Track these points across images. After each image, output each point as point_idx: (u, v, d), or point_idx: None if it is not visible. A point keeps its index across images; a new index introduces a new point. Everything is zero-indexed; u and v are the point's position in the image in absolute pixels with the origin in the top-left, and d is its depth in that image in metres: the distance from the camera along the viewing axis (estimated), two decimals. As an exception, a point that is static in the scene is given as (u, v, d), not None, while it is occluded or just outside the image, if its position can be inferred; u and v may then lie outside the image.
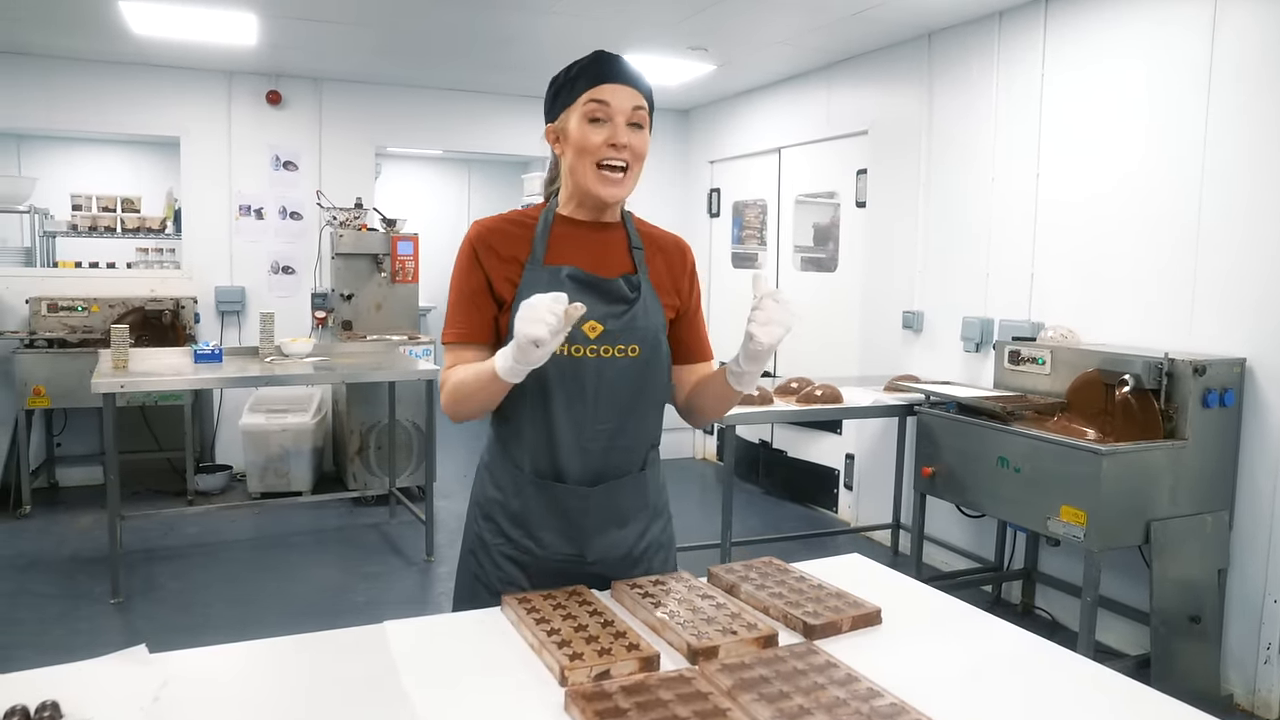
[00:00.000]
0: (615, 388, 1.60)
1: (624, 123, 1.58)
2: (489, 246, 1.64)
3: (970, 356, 4.44)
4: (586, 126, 1.57)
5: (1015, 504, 3.34)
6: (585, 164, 1.58)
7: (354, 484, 5.63)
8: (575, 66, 1.62)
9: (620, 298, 1.62)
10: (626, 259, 1.69)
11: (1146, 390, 3.20)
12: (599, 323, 1.59)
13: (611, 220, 1.70)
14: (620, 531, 1.66)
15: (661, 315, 1.67)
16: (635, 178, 1.62)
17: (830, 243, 5.79)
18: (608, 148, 1.57)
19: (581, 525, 1.63)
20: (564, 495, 1.62)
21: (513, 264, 1.63)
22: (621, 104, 1.57)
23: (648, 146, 1.63)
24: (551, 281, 1.59)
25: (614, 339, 1.60)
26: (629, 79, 1.60)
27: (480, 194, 10.38)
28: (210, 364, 4.55)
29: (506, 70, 5.87)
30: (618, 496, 1.65)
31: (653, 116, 1.66)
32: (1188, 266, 3.44)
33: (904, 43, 4.83)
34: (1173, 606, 3.15)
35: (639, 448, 1.67)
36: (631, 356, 1.61)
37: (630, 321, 1.61)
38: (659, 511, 1.74)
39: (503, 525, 1.67)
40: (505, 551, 1.66)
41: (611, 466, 1.64)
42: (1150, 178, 3.58)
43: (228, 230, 6.05)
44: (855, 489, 5.40)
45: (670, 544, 1.78)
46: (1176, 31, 3.47)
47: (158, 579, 4.31)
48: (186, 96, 5.89)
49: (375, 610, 3.99)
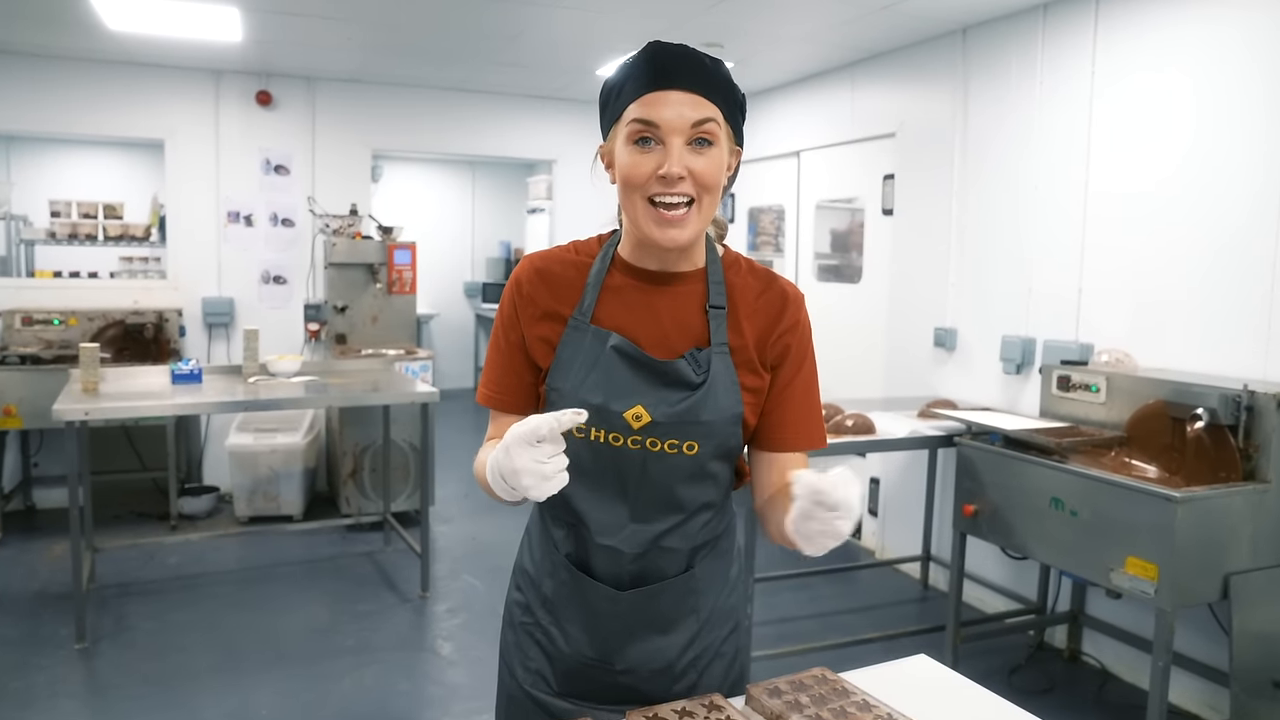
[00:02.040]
0: (662, 487, 1.28)
1: (681, 144, 1.18)
2: (529, 298, 1.32)
3: (1010, 379, 4.09)
4: (632, 151, 1.20)
5: (1071, 552, 2.99)
6: (634, 200, 1.22)
7: (347, 507, 5.31)
8: (622, 68, 1.25)
9: (679, 382, 1.26)
10: (699, 321, 1.29)
11: (1222, 426, 2.86)
12: (646, 410, 1.24)
13: (687, 268, 1.31)
14: (661, 639, 1.35)
15: (739, 402, 1.29)
16: (706, 211, 1.22)
17: (851, 251, 5.45)
18: (656, 180, 1.19)
19: (610, 629, 1.33)
20: (592, 593, 1.32)
21: (555, 319, 1.30)
22: (675, 119, 1.18)
23: (720, 170, 1.22)
24: (595, 349, 1.26)
25: (664, 433, 1.26)
26: (690, 81, 1.19)
27: (484, 198, 10.10)
28: (189, 385, 4.23)
29: (512, 68, 5.54)
30: (658, 602, 1.33)
31: (738, 117, 1.26)
32: (1264, 286, 3.09)
33: (936, 38, 4.48)
34: (1255, 669, 2.81)
35: (686, 548, 1.34)
36: (688, 455, 1.27)
37: (689, 414, 1.26)
38: (719, 617, 1.40)
39: (532, 604, 1.41)
40: (532, 634, 1.40)
41: (652, 569, 1.32)
42: (1219, 188, 3.23)
43: (215, 238, 5.73)
44: (881, 516, 5.06)
45: (736, 654, 1.44)
46: (1251, 23, 3.12)
47: (130, 618, 3.98)
48: (171, 97, 5.57)
49: (365, 655, 3.67)
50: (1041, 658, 3.80)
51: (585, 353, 1.26)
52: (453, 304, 9.97)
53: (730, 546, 1.42)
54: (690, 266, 1.31)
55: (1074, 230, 3.78)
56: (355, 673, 3.51)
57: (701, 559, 1.36)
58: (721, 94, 1.21)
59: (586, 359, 1.26)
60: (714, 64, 1.23)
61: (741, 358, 1.29)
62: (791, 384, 1.33)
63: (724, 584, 1.40)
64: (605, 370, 1.25)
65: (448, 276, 9.90)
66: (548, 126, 6.49)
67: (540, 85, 6.07)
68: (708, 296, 1.30)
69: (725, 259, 1.34)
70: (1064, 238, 3.82)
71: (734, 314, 1.30)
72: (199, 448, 5.86)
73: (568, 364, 1.27)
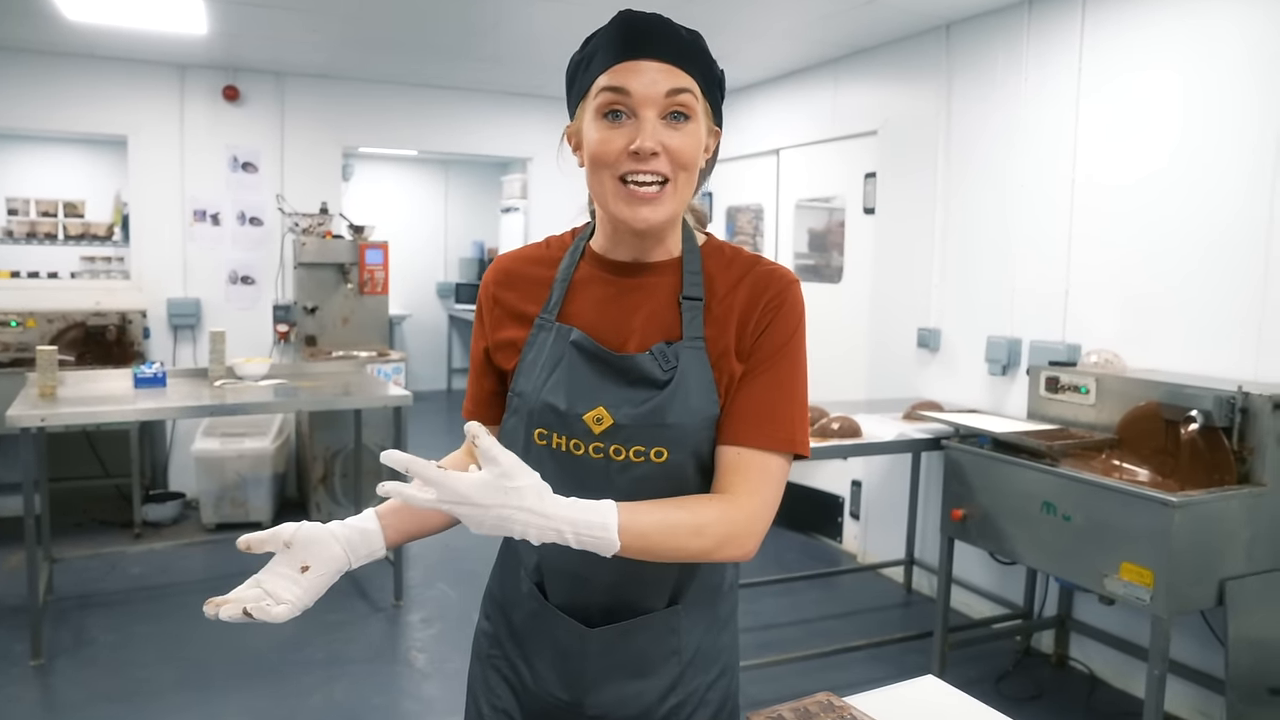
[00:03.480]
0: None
1: (654, 116, 1.08)
2: (495, 300, 1.23)
3: (995, 380, 4.04)
4: (601, 125, 1.10)
5: (1064, 558, 2.92)
6: (603, 179, 1.11)
7: (318, 513, 5.17)
8: (592, 39, 1.15)
9: (641, 379, 1.13)
10: (672, 315, 1.16)
11: (1216, 428, 2.80)
12: (608, 412, 1.12)
13: (661, 258, 1.19)
14: (638, 683, 1.20)
15: (714, 403, 1.14)
16: (682, 191, 1.11)
17: (831, 251, 5.38)
18: (628, 157, 1.08)
19: (581, 669, 1.20)
20: (559, 627, 1.20)
21: (522, 321, 1.20)
22: (649, 89, 1.08)
23: (698, 146, 1.12)
24: (558, 347, 1.16)
25: (628, 438, 1.12)
26: (664, 50, 1.09)
27: (458, 196, 9.96)
28: (153, 389, 4.08)
29: (486, 64, 5.42)
30: (634, 640, 1.19)
31: (716, 94, 1.16)
32: (1255, 286, 3.04)
33: (919, 34, 4.42)
34: (1250, 676, 2.75)
35: (666, 579, 1.19)
36: (656, 462, 1.12)
37: (654, 415, 1.12)
38: (704, 659, 1.24)
39: (500, 636, 1.29)
40: (499, 668, 1.27)
41: (624, 602, 1.18)
42: (1209, 186, 3.18)
43: (181, 237, 5.56)
44: (863, 519, 4.99)
45: (724, 701, 1.28)
46: (1244, 20, 3.07)
47: (90, 632, 3.83)
48: (134, 92, 5.39)
49: (335, 668, 3.54)
50: (1029, 664, 3.75)
51: (549, 352, 1.16)
52: (426, 305, 9.82)
53: (719, 581, 1.25)
54: (665, 256, 1.18)
55: (1060, 229, 3.72)
56: (326, 687, 3.39)
57: (687, 593, 1.21)
58: (699, 66, 1.12)
59: (549, 359, 1.16)
60: (691, 35, 1.13)
61: (717, 351, 1.14)
62: (759, 371, 1.14)
63: (711, 622, 1.25)
64: (567, 369, 1.14)
65: (420, 277, 9.75)
66: (523, 124, 6.37)
67: (515, 82, 5.95)
68: (682, 287, 1.17)
69: (705, 247, 1.20)
70: (1050, 236, 3.77)
71: (711, 305, 1.16)
72: (164, 453, 5.69)
73: (531, 365, 1.18)
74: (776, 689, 3.44)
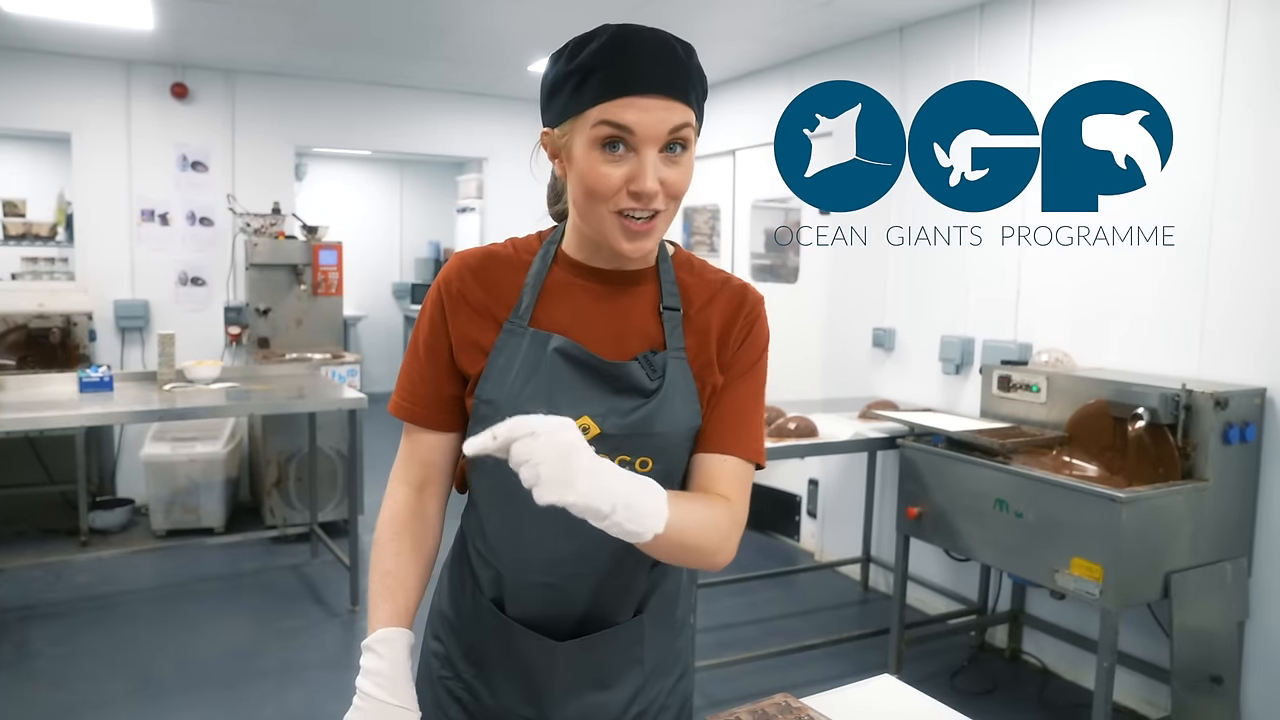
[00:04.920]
0: None
1: (654, 153, 1.04)
2: (459, 296, 1.16)
3: (949, 379, 4.09)
4: (599, 159, 1.05)
5: (1017, 554, 2.98)
6: (599, 211, 1.07)
7: (272, 518, 5.09)
8: (584, 52, 1.06)
9: (630, 387, 1.12)
10: (653, 325, 1.16)
11: (1162, 425, 2.87)
12: (594, 422, 1.10)
13: (638, 266, 1.17)
14: (603, 695, 1.20)
15: (697, 414, 1.15)
16: (670, 219, 1.10)
17: (787, 251, 5.41)
18: (627, 195, 1.05)
19: (546, 685, 1.18)
20: (525, 644, 1.17)
21: (488, 321, 1.15)
22: (653, 128, 1.03)
23: (690, 175, 1.09)
24: (535, 353, 1.12)
25: (615, 447, 1.09)
26: (668, 84, 1.04)
27: (413, 196, 9.87)
28: (99, 393, 3.98)
29: (441, 63, 5.37)
30: (600, 652, 1.19)
31: (702, 111, 1.12)
32: (1197, 285, 3.12)
33: (874, 37, 4.46)
34: (1193, 665, 2.82)
35: (637, 588, 1.20)
36: (641, 472, 1.08)
37: (642, 425, 1.11)
38: (665, 665, 1.25)
39: (454, 656, 1.24)
40: (452, 689, 1.23)
41: (595, 616, 1.18)
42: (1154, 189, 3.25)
43: (128, 237, 5.44)
44: (820, 517, 5.03)
45: (683, 703, 1.30)
46: (1186, 27, 3.15)
47: (33, 644, 3.72)
48: (78, 88, 5.26)
49: (290, 675, 3.49)
50: (983, 658, 3.80)
51: (523, 358, 1.12)
52: (381, 306, 9.71)
53: (676, 586, 1.27)
54: (643, 265, 1.17)
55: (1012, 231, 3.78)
56: (280, 695, 3.33)
57: (651, 602, 1.21)
58: (696, 91, 1.09)
59: (525, 365, 1.12)
60: (688, 55, 1.09)
61: (698, 363, 1.16)
62: (739, 382, 1.18)
63: (669, 627, 1.26)
64: (547, 377, 1.11)
65: (375, 277, 9.64)
66: (478, 123, 6.33)
67: (471, 81, 5.91)
68: (661, 297, 1.16)
69: (676, 258, 1.21)
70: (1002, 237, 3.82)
71: (689, 315, 1.17)
72: (112, 458, 5.56)
73: (502, 372, 1.13)
74: (735, 688, 3.45)
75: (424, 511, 1.20)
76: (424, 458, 1.21)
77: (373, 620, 1.14)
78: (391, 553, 1.17)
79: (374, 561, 1.18)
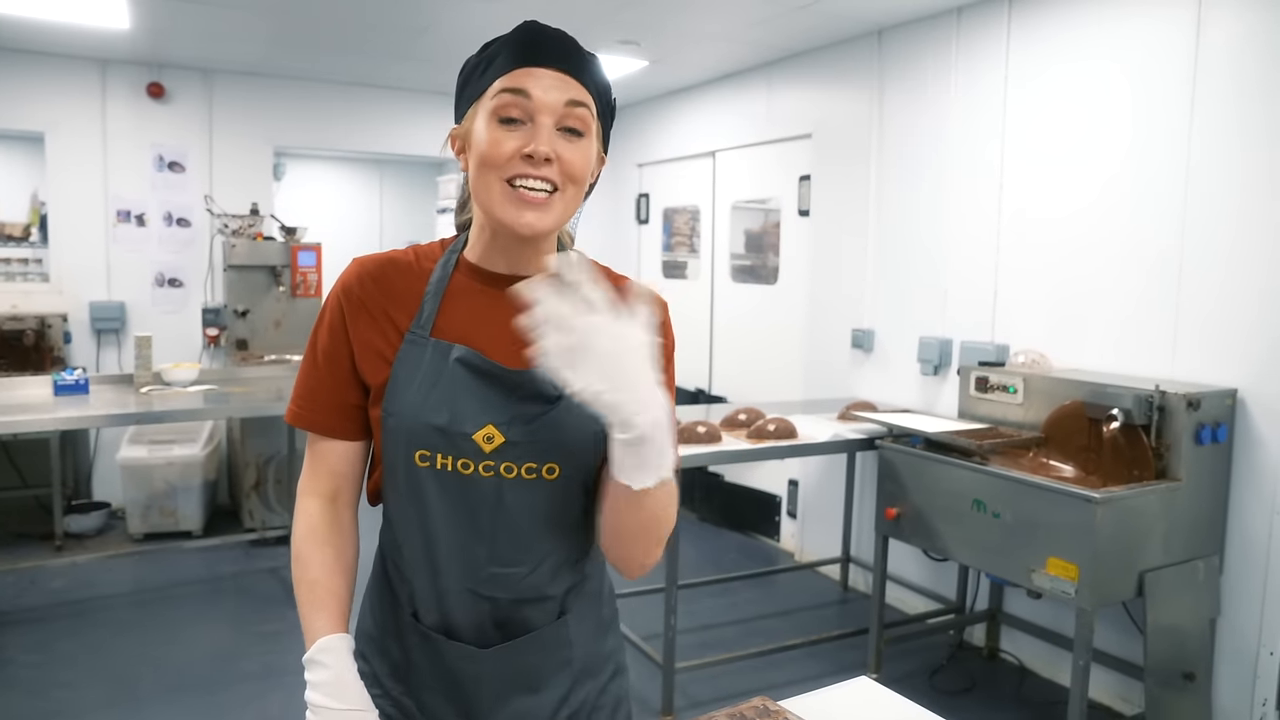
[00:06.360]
0: (521, 519, 1.13)
1: (551, 124, 1.07)
2: (359, 302, 1.15)
3: (928, 380, 4.13)
4: (495, 127, 1.08)
5: (994, 553, 3.01)
6: (490, 182, 1.08)
7: (251, 521, 5.06)
8: (491, 45, 1.15)
9: (533, 395, 1.11)
10: None
11: (1136, 426, 2.90)
12: (498, 430, 1.10)
13: (539, 270, 1.14)
14: (531, 699, 1.20)
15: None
16: (568, 204, 1.11)
17: (766, 252, 5.44)
18: (521, 159, 1.06)
19: (475, 694, 1.18)
20: (450, 654, 1.17)
21: (390, 329, 1.15)
22: (548, 96, 1.07)
23: (589, 163, 1.12)
24: (436, 364, 1.12)
25: (521, 455, 1.10)
26: (566, 62, 1.10)
27: (393, 197, 9.80)
28: (74, 396, 3.95)
29: (420, 63, 5.36)
30: (526, 656, 1.18)
31: (607, 121, 1.17)
32: (1170, 287, 3.17)
33: (852, 40, 4.49)
34: (1166, 662, 2.86)
35: (557, 593, 1.19)
36: (547, 479, 1.12)
37: (545, 430, 1.11)
38: (594, 666, 1.25)
39: (379, 673, 1.23)
40: (382, 707, 1.19)
41: (518, 620, 1.17)
42: (1128, 190, 3.30)
43: (104, 238, 5.39)
44: (800, 518, 5.06)
45: (617, 704, 1.29)
46: (1159, 32, 3.19)
47: (7, 651, 3.68)
48: (52, 87, 5.21)
49: (271, 679, 3.47)
50: (962, 657, 3.84)
51: (425, 369, 1.11)
52: (361, 306, 9.66)
53: (599, 587, 1.27)
54: (542, 269, 1.16)
55: (989, 232, 3.82)
56: (260, 699, 3.32)
57: (572, 603, 1.21)
58: (597, 87, 1.13)
59: (427, 376, 1.11)
60: (591, 57, 1.14)
61: None
62: None
63: (596, 628, 1.26)
64: (449, 387, 1.11)
65: (355, 279, 9.59)
66: (458, 124, 6.30)
67: (450, 82, 5.80)
68: None
69: None
70: (980, 239, 3.86)
71: None
72: (87, 462, 5.51)
73: (405, 383, 1.12)
74: (714, 689, 3.47)
75: (340, 521, 1.20)
76: (332, 468, 1.20)
77: (309, 633, 1.12)
78: (316, 563, 1.16)
79: (297, 575, 1.17)
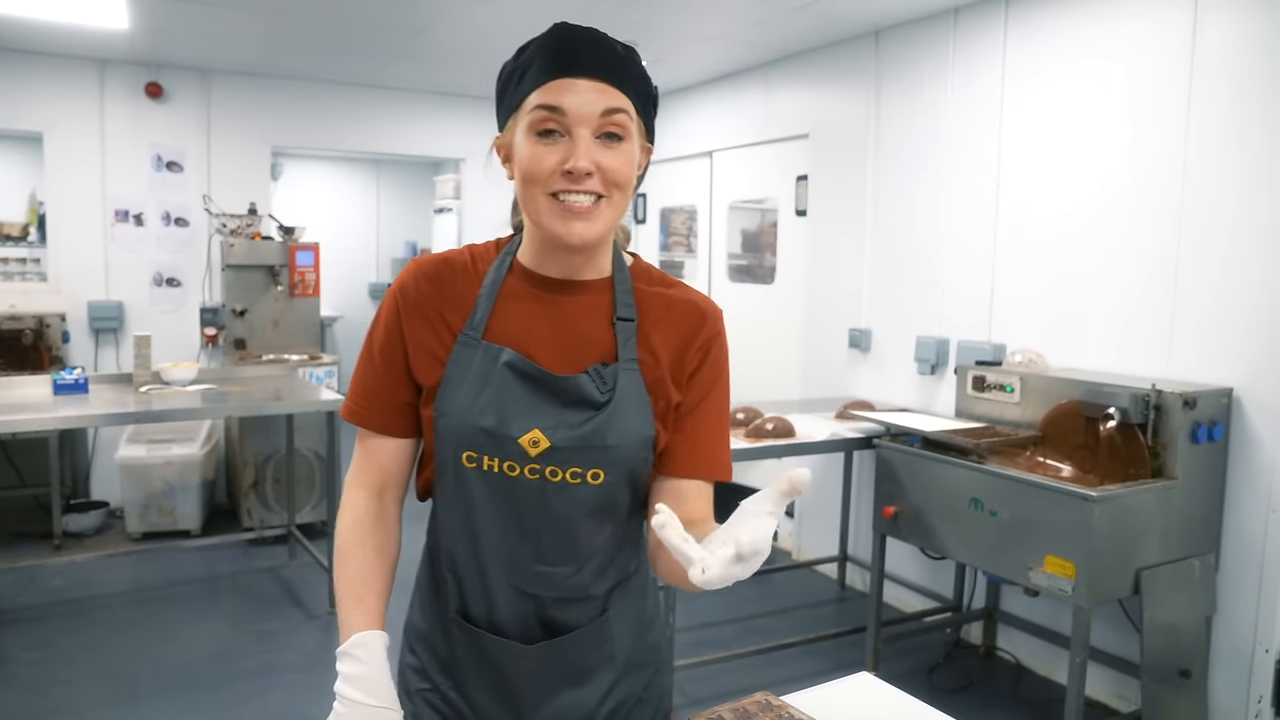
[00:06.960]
0: (566, 522, 1.14)
1: (588, 134, 1.07)
2: (415, 304, 1.17)
3: (925, 379, 4.14)
4: (534, 142, 1.08)
5: (991, 552, 3.02)
6: (534, 197, 1.09)
7: (249, 520, 5.07)
8: (526, 49, 1.12)
9: (581, 401, 1.13)
10: (606, 336, 1.16)
11: (1132, 425, 2.92)
12: (544, 435, 1.11)
13: (592, 276, 1.18)
14: (577, 691, 1.21)
15: (649, 424, 1.15)
16: (615, 210, 1.11)
17: (764, 252, 5.45)
18: (561, 176, 1.06)
19: (521, 689, 1.20)
20: (495, 650, 1.19)
21: (444, 330, 1.16)
22: (584, 108, 1.06)
23: (631, 166, 1.11)
24: (486, 366, 1.13)
25: (565, 459, 1.11)
26: (600, 68, 1.08)
27: (390, 197, 9.81)
28: (73, 395, 3.95)
29: (417, 63, 5.37)
30: (569, 652, 1.20)
31: (650, 112, 1.16)
32: (1166, 287, 3.18)
33: (850, 40, 4.51)
34: (1163, 660, 2.88)
35: (600, 591, 1.21)
36: (592, 484, 1.13)
37: (592, 437, 1.11)
38: (637, 662, 1.27)
39: (428, 667, 1.26)
40: (430, 700, 1.24)
41: (563, 617, 1.19)
42: (1124, 190, 3.32)
43: (102, 238, 5.39)
44: (797, 516, 5.08)
45: (658, 699, 1.31)
46: (1155, 33, 3.21)
47: (7, 649, 3.69)
48: (50, 87, 5.21)
49: (270, 678, 3.48)
50: (959, 655, 3.85)
51: (476, 371, 1.13)
52: (358, 306, 9.65)
53: (643, 584, 1.29)
54: (596, 275, 1.18)
55: (986, 232, 3.84)
56: (259, 698, 3.32)
57: (615, 601, 1.23)
58: (634, 84, 1.11)
59: (477, 378, 1.13)
60: (627, 52, 1.12)
61: (653, 375, 1.16)
62: (703, 403, 1.19)
63: (640, 625, 1.28)
64: (497, 390, 1.12)
65: (352, 278, 9.58)
66: (455, 124, 6.32)
67: (447, 81, 5.91)
68: (615, 308, 1.17)
69: (634, 269, 1.21)
70: (977, 239, 3.88)
71: (644, 328, 1.17)
72: (86, 461, 5.51)
73: (456, 384, 1.14)
74: (714, 687, 3.48)
75: (385, 515, 1.22)
76: (380, 463, 1.22)
77: (345, 627, 1.15)
78: (357, 557, 1.18)
79: (339, 568, 1.19)
